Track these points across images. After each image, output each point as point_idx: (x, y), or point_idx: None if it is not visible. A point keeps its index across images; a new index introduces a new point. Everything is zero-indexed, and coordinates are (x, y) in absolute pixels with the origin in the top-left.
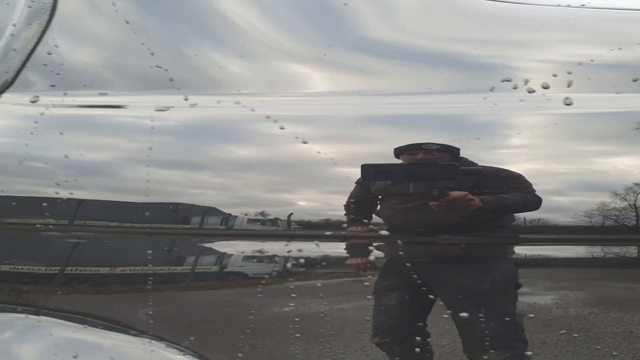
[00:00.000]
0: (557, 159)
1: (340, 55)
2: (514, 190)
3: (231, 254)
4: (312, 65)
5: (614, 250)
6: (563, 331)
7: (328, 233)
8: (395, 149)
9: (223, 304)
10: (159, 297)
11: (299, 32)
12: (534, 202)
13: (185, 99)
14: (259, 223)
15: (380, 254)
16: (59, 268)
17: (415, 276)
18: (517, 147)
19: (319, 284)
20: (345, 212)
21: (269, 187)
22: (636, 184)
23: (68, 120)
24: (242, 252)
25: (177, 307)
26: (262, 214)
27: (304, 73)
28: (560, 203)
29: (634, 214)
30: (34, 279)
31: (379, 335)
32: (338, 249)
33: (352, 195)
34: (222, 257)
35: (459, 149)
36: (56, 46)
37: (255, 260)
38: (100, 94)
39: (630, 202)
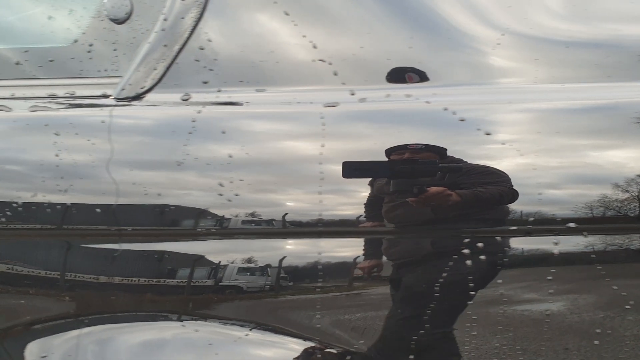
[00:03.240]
0: None
1: (514, 43)
2: (491, 185)
3: None
4: (484, 55)
5: (617, 242)
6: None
7: None
8: (386, 150)
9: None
10: (326, 301)
11: (470, 22)
12: (510, 195)
13: (352, 94)
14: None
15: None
16: (219, 277)
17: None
18: None
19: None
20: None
21: None
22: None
23: (228, 118)
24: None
25: (344, 311)
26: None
27: (476, 62)
28: None
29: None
30: (192, 288)
31: None
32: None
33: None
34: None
35: (446, 149)
36: (209, 40)
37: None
38: (258, 90)
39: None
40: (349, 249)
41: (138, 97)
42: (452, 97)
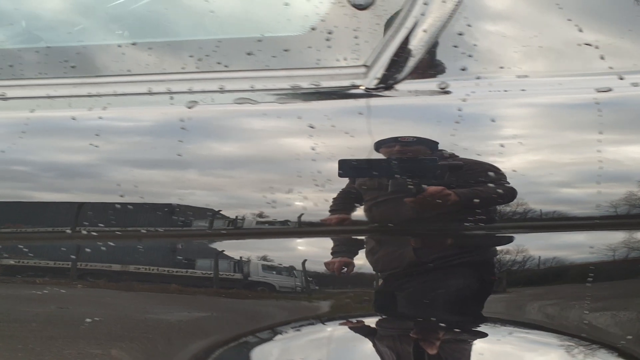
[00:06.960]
0: None
1: None
2: (490, 183)
3: None
4: None
5: None
6: None
7: None
8: (375, 143)
9: None
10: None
11: None
12: (509, 194)
13: (621, 79)
14: None
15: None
16: None
17: None
18: None
19: None
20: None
21: None
22: None
23: (495, 106)
24: None
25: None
26: None
27: None
28: None
29: None
30: None
31: None
32: None
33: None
34: None
35: (437, 142)
36: (469, 25)
37: None
38: (519, 76)
39: None
40: None
41: (391, 86)
42: None
